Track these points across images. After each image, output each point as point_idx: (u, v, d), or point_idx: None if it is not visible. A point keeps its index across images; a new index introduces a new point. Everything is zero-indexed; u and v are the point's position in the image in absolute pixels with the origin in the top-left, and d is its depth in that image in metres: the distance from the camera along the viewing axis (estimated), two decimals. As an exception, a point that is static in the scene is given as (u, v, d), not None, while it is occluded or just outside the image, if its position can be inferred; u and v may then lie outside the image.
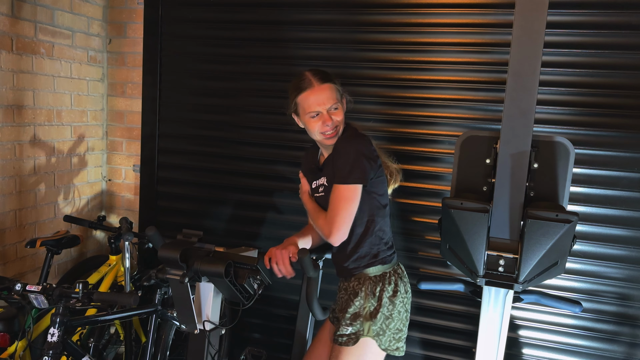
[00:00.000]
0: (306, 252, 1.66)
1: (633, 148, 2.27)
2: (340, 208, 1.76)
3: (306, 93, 1.82)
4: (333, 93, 1.83)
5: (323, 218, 1.82)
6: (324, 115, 1.81)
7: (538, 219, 1.61)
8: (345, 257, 1.90)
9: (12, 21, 2.43)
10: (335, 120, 1.83)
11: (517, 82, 1.66)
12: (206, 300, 1.70)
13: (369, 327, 1.81)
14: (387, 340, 1.83)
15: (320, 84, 1.82)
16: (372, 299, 1.83)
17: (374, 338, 1.80)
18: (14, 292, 1.77)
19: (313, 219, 1.90)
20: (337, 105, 1.84)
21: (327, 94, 1.81)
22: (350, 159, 1.76)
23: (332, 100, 1.82)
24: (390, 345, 1.84)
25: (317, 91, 1.81)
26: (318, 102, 1.80)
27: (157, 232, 1.69)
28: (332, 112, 1.83)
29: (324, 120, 1.81)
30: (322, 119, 1.81)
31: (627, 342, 2.37)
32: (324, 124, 1.81)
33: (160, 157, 2.98)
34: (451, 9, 2.43)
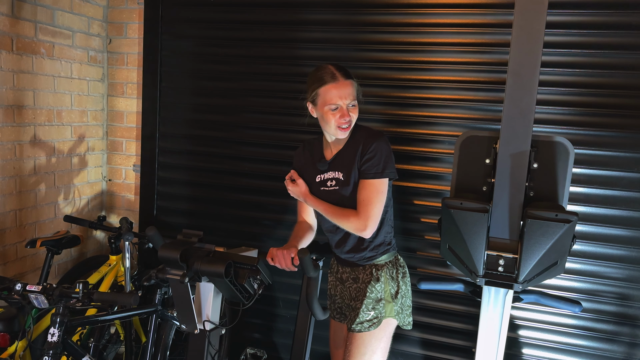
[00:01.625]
0: (306, 252, 1.67)
1: (633, 148, 2.27)
2: (376, 201, 1.86)
3: (329, 86, 1.88)
4: (353, 90, 1.91)
5: (353, 214, 1.87)
6: (343, 109, 1.89)
7: (538, 218, 1.61)
8: (364, 247, 1.98)
9: (12, 21, 2.43)
10: (352, 116, 1.91)
11: (517, 82, 1.66)
12: (206, 300, 1.70)
13: (391, 308, 1.95)
14: (404, 317, 2.02)
15: (344, 79, 1.89)
16: (392, 282, 1.97)
17: (395, 317, 1.96)
18: (14, 292, 1.77)
19: (335, 216, 1.90)
20: (355, 102, 1.92)
21: (349, 90, 1.89)
22: (383, 154, 1.88)
23: (352, 96, 1.90)
24: (404, 321, 2.03)
25: (340, 86, 1.88)
26: (340, 95, 1.87)
27: (157, 232, 1.69)
28: (351, 108, 1.91)
29: (342, 114, 1.88)
30: (341, 113, 1.89)
31: (627, 342, 2.37)
32: (342, 118, 1.89)
33: (160, 157, 2.99)
34: (451, 9, 2.43)
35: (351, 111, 1.90)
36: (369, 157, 1.88)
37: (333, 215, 1.91)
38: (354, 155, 1.92)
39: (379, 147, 1.88)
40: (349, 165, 1.93)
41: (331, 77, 1.88)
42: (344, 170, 1.94)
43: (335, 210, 1.91)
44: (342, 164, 1.96)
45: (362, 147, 1.90)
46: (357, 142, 1.93)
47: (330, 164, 1.99)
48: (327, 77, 1.89)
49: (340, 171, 1.96)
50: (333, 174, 1.97)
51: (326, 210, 1.93)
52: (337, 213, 1.90)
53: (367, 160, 1.88)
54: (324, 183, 2.00)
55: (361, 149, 1.90)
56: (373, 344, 1.91)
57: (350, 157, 1.93)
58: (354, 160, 1.92)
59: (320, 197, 2.00)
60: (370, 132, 1.95)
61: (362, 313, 1.93)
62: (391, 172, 1.89)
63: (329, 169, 1.99)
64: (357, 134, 1.96)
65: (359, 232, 1.86)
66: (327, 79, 1.89)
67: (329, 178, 1.99)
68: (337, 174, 1.96)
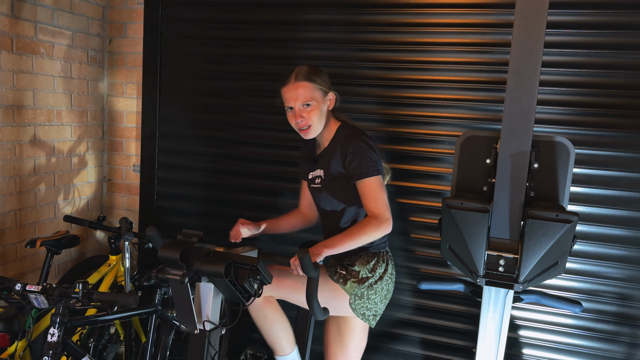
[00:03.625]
0: (306, 252, 1.66)
1: (633, 148, 2.27)
2: (378, 195, 1.88)
3: (285, 88, 1.97)
4: (307, 91, 1.93)
5: (366, 220, 1.87)
6: (295, 111, 1.95)
7: (538, 219, 1.61)
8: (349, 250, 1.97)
9: (12, 21, 2.43)
10: (306, 117, 1.94)
11: (517, 82, 1.66)
12: (206, 300, 1.70)
13: (351, 286, 1.96)
14: (362, 305, 1.98)
15: (297, 81, 1.94)
16: (367, 268, 1.98)
17: (350, 294, 1.96)
18: (14, 292, 1.77)
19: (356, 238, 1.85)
20: (310, 102, 1.94)
21: (300, 92, 1.93)
22: (364, 154, 1.91)
23: (304, 98, 1.93)
24: (359, 308, 1.99)
25: (291, 88, 1.94)
26: (291, 97, 1.94)
27: (157, 232, 1.69)
28: (303, 109, 1.94)
29: (295, 116, 1.95)
30: (294, 114, 1.96)
31: (627, 342, 2.37)
32: (295, 120, 1.96)
33: (160, 157, 2.98)
34: (451, 9, 2.43)
35: (304, 112, 1.94)
36: (350, 159, 1.92)
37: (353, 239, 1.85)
38: (335, 154, 1.98)
39: (357, 148, 1.91)
40: (329, 164, 2.00)
41: (287, 79, 1.96)
42: (325, 168, 2.02)
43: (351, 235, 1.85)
44: (324, 162, 2.03)
45: (340, 150, 1.96)
46: (337, 143, 1.99)
47: (317, 162, 2.07)
48: (285, 79, 1.97)
49: (323, 169, 2.03)
50: (319, 172, 2.05)
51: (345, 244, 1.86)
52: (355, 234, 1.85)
53: (350, 163, 1.92)
54: (313, 181, 2.08)
55: (340, 151, 1.96)
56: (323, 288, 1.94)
57: (331, 156, 1.99)
58: (333, 160, 1.98)
59: (312, 193, 2.13)
60: (347, 133, 1.99)
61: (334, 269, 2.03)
62: (375, 169, 1.90)
63: (316, 166, 2.07)
64: (340, 133, 2.01)
65: (384, 228, 1.85)
66: (285, 80, 1.97)
67: (316, 176, 2.07)
68: (321, 172, 2.04)
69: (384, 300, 2.04)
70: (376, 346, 2.73)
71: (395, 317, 2.68)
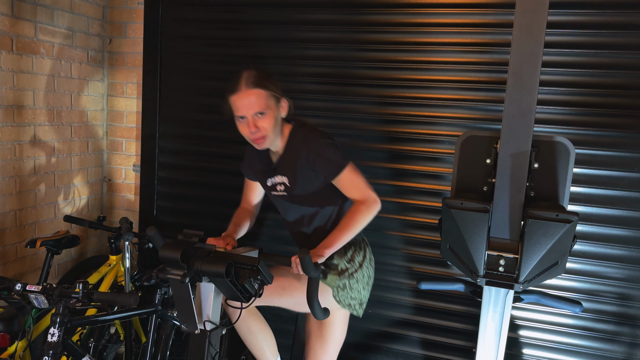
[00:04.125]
0: (306, 253, 1.66)
1: (633, 148, 2.28)
2: (358, 182, 1.88)
3: (235, 96, 1.84)
4: (261, 99, 1.82)
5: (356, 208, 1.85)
6: (248, 120, 1.84)
7: (538, 219, 1.61)
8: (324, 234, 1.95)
9: (12, 21, 2.43)
10: (261, 127, 1.84)
11: (517, 82, 1.66)
12: (207, 300, 1.70)
13: (332, 279, 1.94)
14: (345, 295, 1.96)
15: (248, 88, 1.82)
16: (345, 259, 1.96)
17: (333, 288, 1.94)
18: (14, 292, 1.77)
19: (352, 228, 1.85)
20: (264, 111, 1.83)
21: (252, 100, 1.81)
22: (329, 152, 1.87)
23: (257, 106, 1.82)
24: (344, 300, 1.97)
25: (242, 96, 1.82)
26: (243, 106, 1.82)
27: (157, 232, 1.69)
28: (257, 118, 1.83)
29: (249, 126, 1.84)
30: (247, 123, 1.85)
31: (627, 342, 2.37)
32: (249, 130, 1.85)
33: (160, 157, 2.98)
34: (451, 9, 2.43)
35: (259, 122, 1.83)
36: (319, 163, 1.87)
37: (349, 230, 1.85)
38: (296, 161, 1.91)
39: (319, 148, 1.87)
40: (293, 170, 1.93)
41: (237, 86, 1.83)
42: (289, 175, 1.95)
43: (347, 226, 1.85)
44: (286, 168, 1.96)
45: (305, 156, 1.88)
46: (296, 149, 1.91)
47: (277, 169, 1.99)
48: (234, 86, 1.85)
49: (286, 176, 1.96)
50: (281, 179, 1.98)
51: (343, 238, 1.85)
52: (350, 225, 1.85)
53: (320, 166, 1.87)
54: (274, 187, 2.02)
55: (305, 157, 1.88)
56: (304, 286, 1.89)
57: (293, 163, 1.92)
58: (296, 165, 1.91)
59: (273, 200, 2.08)
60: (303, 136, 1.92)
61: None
62: (344, 159, 1.87)
63: (276, 172, 1.99)
64: (294, 137, 1.93)
65: (374, 209, 1.86)
66: (234, 87, 1.84)
67: (278, 182, 1.99)
68: (284, 179, 1.97)
69: (366, 286, 2.04)
70: (376, 346, 2.73)
71: (395, 317, 2.68)
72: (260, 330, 2.08)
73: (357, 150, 2.62)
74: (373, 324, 2.72)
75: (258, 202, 2.21)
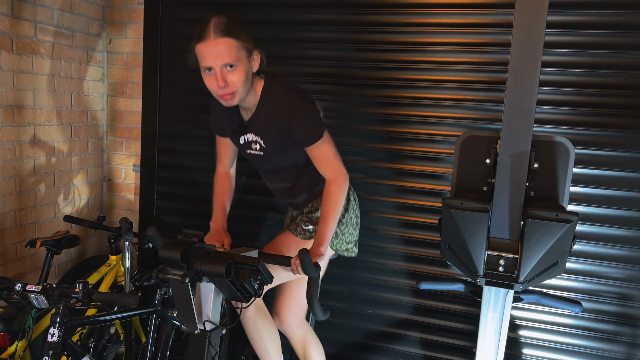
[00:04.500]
0: (306, 253, 1.66)
1: (633, 148, 2.28)
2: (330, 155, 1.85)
3: (201, 44, 1.67)
4: (231, 50, 1.67)
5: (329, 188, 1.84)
6: (216, 73, 1.68)
7: (538, 218, 1.61)
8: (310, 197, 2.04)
9: (12, 21, 2.43)
10: (230, 81, 1.69)
11: (517, 82, 1.66)
12: (207, 300, 1.70)
13: None
14: (339, 242, 2.05)
15: (217, 37, 1.65)
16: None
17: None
18: (14, 292, 1.77)
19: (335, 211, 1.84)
20: (234, 63, 1.68)
21: (221, 50, 1.65)
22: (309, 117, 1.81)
23: (227, 57, 1.66)
24: (340, 247, 2.07)
25: (210, 45, 1.65)
26: (210, 56, 1.66)
27: (157, 232, 1.69)
28: (227, 70, 1.68)
29: (217, 80, 1.69)
30: (215, 77, 1.69)
31: (627, 342, 2.37)
32: (217, 84, 1.69)
33: (160, 157, 2.98)
34: (451, 9, 2.43)
35: (228, 76, 1.68)
36: (295, 127, 1.78)
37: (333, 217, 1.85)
38: (273, 122, 1.81)
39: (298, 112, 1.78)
40: (268, 132, 1.84)
41: (205, 34, 1.66)
42: (264, 136, 1.87)
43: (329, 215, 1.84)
44: (260, 128, 1.86)
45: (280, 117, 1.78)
46: (272, 109, 1.80)
47: (249, 127, 1.89)
48: (202, 33, 1.67)
49: (260, 137, 1.88)
50: (254, 137, 1.89)
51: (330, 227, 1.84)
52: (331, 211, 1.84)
53: (296, 130, 1.79)
54: (249, 146, 1.94)
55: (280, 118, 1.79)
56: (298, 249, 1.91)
57: (268, 124, 1.83)
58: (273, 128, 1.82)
59: (248, 159, 2.01)
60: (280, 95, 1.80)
61: (303, 224, 2.02)
62: (322, 128, 1.82)
63: (248, 131, 1.89)
64: (268, 95, 1.81)
65: (345, 185, 1.86)
66: (202, 34, 1.67)
67: (252, 141, 1.90)
68: (258, 139, 1.88)
69: (356, 226, 2.09)
70: (376, 346, 2.73)
71: (395, 317, 2.68)
72: (267, 330, 2.07)
73: (357, 150, 2.62)
74: (373, 324, 2.72)
75: (234, 160, 2.13)
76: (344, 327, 2.75)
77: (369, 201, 2.63)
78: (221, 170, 2.14)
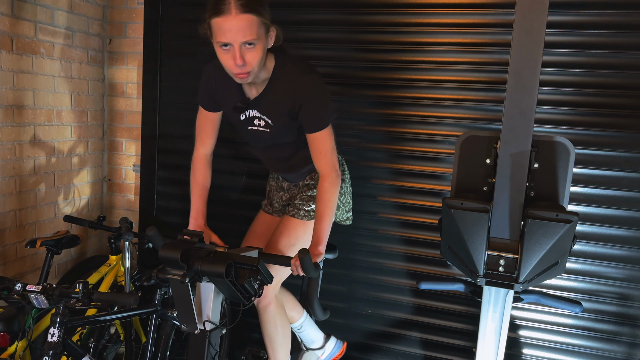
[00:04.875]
0: (306, 253, 1.66)
1: (633, 148, 2.27)
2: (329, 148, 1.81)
3: (221, 18, 1.56)
4: (253, 27, 1.58)
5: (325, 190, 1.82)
6: (235, 50, 1.60)
7: (538, 219, 1.61)
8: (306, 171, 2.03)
9: (12, 21, 2.43)
10: (249, 60, 1.62)
11: (517, 82, 1.66)
12: (206, 300, 1.70)
13: None
14: (341, 213, 2.12)
15: (239, 12, 1.55)
16: None
17: None
18: (14, 292, 1.77)
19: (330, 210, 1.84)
20: (254, 41, 1.60)
21: (243, 26, 1.56)
22: (322, 102, 1.76)
23: (248, 34, 1.57)
24: (342, 216, 2.15)
25: (231, 20, 1.55)
26: (231, 31, 1.56)
27: (157, 232, 1.69)
28: (246, 48, 1.60)
29: (235, 58, 1.60)
30: (232, 54, 1.60)
31: (627, 342, 2.37)
32: (235, 64, 1.61)
33: (160, 157, 2.98)
34: (451, 9, 2.43)
35: (247, 52, 1.59)
36: (305, 111, 1.73)
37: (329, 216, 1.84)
38: (283, 102, 1.75)
39: (313, 97, 1.73)
40: (276, 111, 1.78)
41: (225, 8, 1.55)
42: (271, 116, 1.80)
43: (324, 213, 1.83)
44: (268, 107, 1.79)
45: (292, 96, 1.73)
46: (283, 88, 1.73)
47: (254, 104, 1.81)
48: (221, 7, 1.56)
49: (267, 116, 1.81)
50: (259, 114, 1.82)
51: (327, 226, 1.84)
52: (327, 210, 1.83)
53: (305, 116, 1.75)
54: (250, 122, 1.86)
55: (292, 97, 1.73)
56: (306, 232, 1.96)
57: (278, 103, 1.77)
58: (283, 108, 1.77)
59: (247, 136, 1.94)
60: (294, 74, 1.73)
61: (304, 204, 2.00)
62: (332, 114, 1.80)
63: (252, 107, 1.82)
64: (283, 75, 1.74)
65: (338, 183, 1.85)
66: (221, 8, 1.56)
67: (255, 117, 1.83)
68: (264, 117, 1.82)
69: (350, 194, 2.14)
70: (376, 346, 2.73)
71: (395, 317, 2.68)
72: (284, 327, 2.07)
73: (358, 150, 2.62)
74: (373, 324, 2.72)
75: (215, 142, 2.01)
76: (344, 327, 2.75)
77: (369, 201, 2.63)
78: (202, 154, 2.00)
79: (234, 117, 1.90)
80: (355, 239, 2.67)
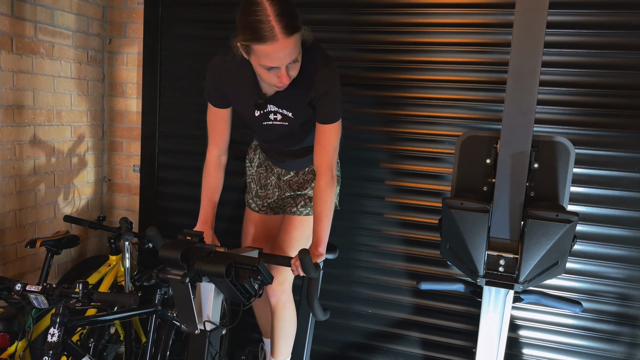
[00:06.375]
0: (307, 253, 1.66)
1: (633, 148, 2.28)
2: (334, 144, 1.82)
3: (268, 46, 1.49)
4: (297, 44, 1.56)
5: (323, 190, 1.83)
6: (282, 71, 1.58)
7: (538, 219, 1.61)
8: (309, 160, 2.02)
9: (12, 21, 2.43)
10: (292, 75, 1.63)
11: (517, 82, 1.66)
12: (207, 300, 1.70)
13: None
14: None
15: (286, 37, 1.49)
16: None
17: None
18: (14, 292, 1.77)
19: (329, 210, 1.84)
20: (297, 57, 1.60)
21: (291, 49, 1.53)
22: (339, 97, 1.79)
23: (294, 54, 1.56)
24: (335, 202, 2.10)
25: (280, 46, 1.49)
26: (279, 58, 1.53)
27: (157, 232, 1.69)
28: (291, 66, 1.60)
29: (280, 77, 1.59)
30: (278, 74, 1.59)
31: (627, 342, 2.37)
32: (279, 80, 1.61)
33: (160, 157, 2.98)
34: (451, 9, 2.43)
35: (291, 69, 1.61)
36: (323, 101, 1.73)
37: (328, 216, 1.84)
38: (305, 95, 1.75)
39: (336, 92, 1.75)
40: (298, 105, 1.78)
41: (270, 34, 1.47)
42: (291, 109, 1.79)
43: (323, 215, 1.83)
44: (288, 102, 1.78)
45: (315, 91, 1.73)
46: (306, 81, 1.71)
47: (273, 100, 1.79)
48: (265, 33, 1.47)
49: (287, 109, 1.79)
50: (277, 109, 1.80)
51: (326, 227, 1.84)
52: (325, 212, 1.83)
53: (325, 104, 1.75)
54: (266, 117, 1.83)
55: (315, 92, 1.73)
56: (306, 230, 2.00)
57: (300, 97, 1.76)
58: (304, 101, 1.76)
59: (262, 131, 1.92)
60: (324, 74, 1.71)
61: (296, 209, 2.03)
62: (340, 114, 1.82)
63: (271, 103, 1.79)
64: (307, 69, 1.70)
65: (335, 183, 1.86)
66: (265, 34, 1.47)
67: (272, 111, 1.80)
68: (284, 111, 1.80)
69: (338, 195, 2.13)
70: (376, 346, 2.73)
71: (395, 317, 2.68)
72: (291, 323, 2.09)
73: (358, 150, 2.62)
74: (373, 324, 2.72)
75: (228, 141, 1.99)
76: (344, 327, 2.75)
77: (369, 201, 2.63)
78: (215, 156, 1.97)
79: (248, 114, 1.86)
80: (355, 239, 2.67)
